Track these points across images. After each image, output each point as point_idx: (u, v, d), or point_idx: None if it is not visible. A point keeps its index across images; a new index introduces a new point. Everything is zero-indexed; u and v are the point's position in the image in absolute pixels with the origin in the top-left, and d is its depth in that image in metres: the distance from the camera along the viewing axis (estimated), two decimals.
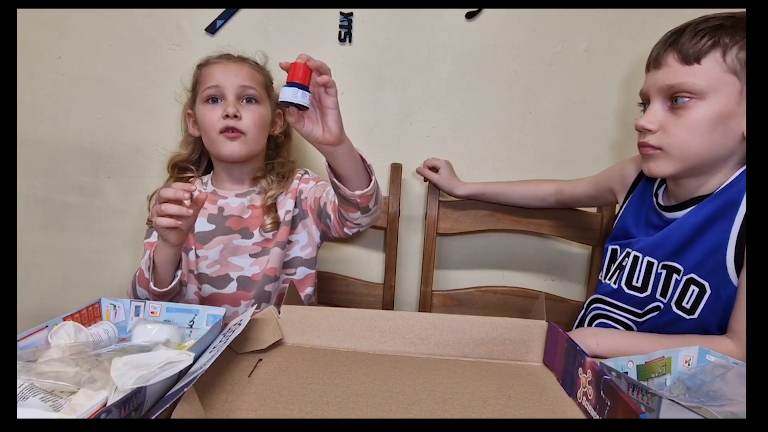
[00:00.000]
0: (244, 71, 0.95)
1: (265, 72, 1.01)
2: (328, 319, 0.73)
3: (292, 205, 0.98)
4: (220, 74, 0.94)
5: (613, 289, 0.86)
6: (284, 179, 0.99)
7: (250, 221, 0.96)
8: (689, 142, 0.74)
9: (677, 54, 0.74)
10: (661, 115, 0.76)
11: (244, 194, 0.98)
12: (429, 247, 1.15)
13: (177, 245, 0.79)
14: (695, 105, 0.72)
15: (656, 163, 0.77)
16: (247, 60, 0.99)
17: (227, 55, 0.99)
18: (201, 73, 0.97)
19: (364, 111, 1.17)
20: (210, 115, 0.94)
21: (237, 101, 0.94)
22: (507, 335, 0.70)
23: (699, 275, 0.75)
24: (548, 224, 1.14)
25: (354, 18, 1.12)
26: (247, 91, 0.94)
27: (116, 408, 0.43)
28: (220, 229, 0.95)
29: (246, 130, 0.93)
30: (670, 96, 0.75)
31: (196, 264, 0.95)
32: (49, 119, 1.18)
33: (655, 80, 0.77)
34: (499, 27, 1.12)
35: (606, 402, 0.52)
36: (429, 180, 1.15)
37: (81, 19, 1.13)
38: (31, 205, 1.23)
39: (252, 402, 0.56)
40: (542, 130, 1.18)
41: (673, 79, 0.73)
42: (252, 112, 0.94)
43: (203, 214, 0.96)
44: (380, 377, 0.63)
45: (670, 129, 0.75)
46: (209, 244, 0.95)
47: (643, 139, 0.78)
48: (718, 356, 0.60)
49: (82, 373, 0.54)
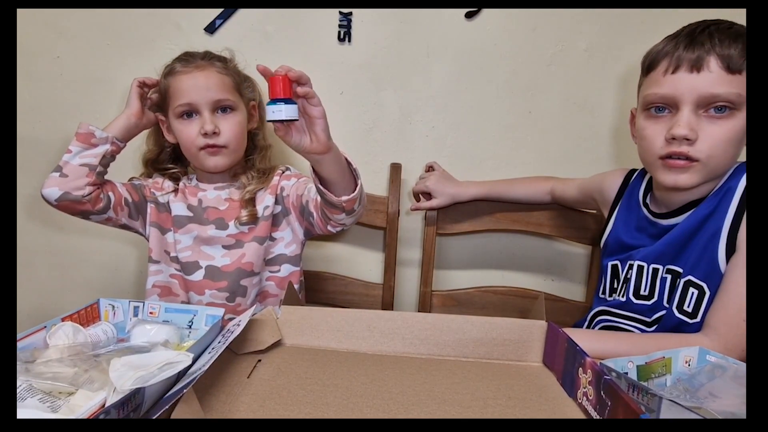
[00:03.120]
0: (213, 80, 0.90)
1: (233, 70, 0.95)
2: (328, 320, 0.73)
3: (271, 201, 0.97)
4: (190, 89, 0.89)
5: (622, 302, 0.85)
6: (264, 175, 0.98)
7: (226, 213, 0.96)
8: (728, 153, 0.72)
9: (721, 60, 0.70)
10: (697, 123, 0.71)
11: (222, 187, 0.98)
12: (428, 247, 1.15)
13: (134, 118, 0.92)
14: (735, 116, 0.70)
15: (689, 176, 0.73)
16: (213, 62, 0.93)
17: (192, 59, 0.92)
18: (169, 85, 0.92)
19: (363, 111, 1.17)
20: (187, 132, 0.91)
21: (213, 114, 0.91)
22: (507, 335, 0.70)
23: (696, 277, 0.75)
24: (548, 224, 1.14)
25: (353, 18, 1.12)
26: (221, 103, 0.91)
27: (115, 409, 0.43)
28: (197, 218, 0.96)
29: (227, 143, 0.91)
30: (707, 104, 0.71)
31: (174, 246, 0.96)
32: (47, 119, 1.18)
33: (693, 85, 0.71)
34: (498, 27, 1.12)
35: (606, 402, 0.51)
36: (429, 209, 1.13)
37: (80, 19, 1.13)
38: (30, 205, 1.23)
39: (251, 403, 0.56)
40: (542, 129, 1.17)
41: (719, 87, 0.69)
42: (230, 123, 0.92)
43: (184, 201, 0.97)
44: (380, 378, 0.63)
45: (709, 139, 0.71)
46: (183, 229, 0.96)
47: (678, 149, 0.72)
48: (718, 356, 0.60)
49: (80, 374, 0.53)
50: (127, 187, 0.95)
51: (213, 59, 0.94)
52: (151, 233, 0.97)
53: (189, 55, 0.93)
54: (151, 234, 0.97)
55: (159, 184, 0.99)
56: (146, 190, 0.97)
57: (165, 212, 0.97)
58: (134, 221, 0.97)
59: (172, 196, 0.98)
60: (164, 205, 0.97)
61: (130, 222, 0.96)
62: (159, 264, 0.98)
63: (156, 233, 0.97)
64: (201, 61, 0.92)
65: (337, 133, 1.16)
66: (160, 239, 0.97)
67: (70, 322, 0.66)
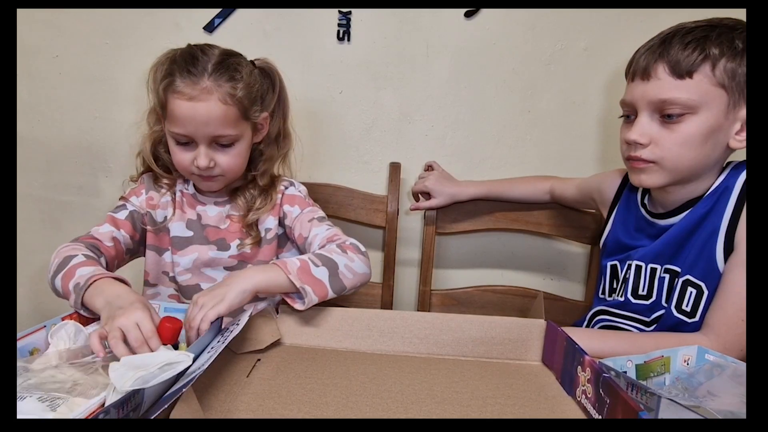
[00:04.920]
0: (215, 114, 0.78)
1: (242, 92, 0.81)
2: (327, 319, 0.73)
3: (274, 224, 0.91)
4: (188, 120, 0.79)
5: (620, 302, 0.86)
6: (266, 193, 0.91)
7: (227, 233, 0.91)
8: (683, 155, 0.74)
9: (668, 66, 0.72)
10: (650, 128, 0.75)
11: (223, 203, 0.92)
12: (428, 246, 1.15)
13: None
14: (688, 119, 0.72)
15: (648, 176, 0.77)
16: (221, 83, 0.79)
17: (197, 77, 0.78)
18: (167, 101, 0.80)
19: (362, 110, 1.17)
20: (181, 156, 0.83)
21: (209, 147, 0.82)
22: (506, 334, 0.70)
23: (694, 276, 0.76)
24: (547, 223, 1.14)
25: (353, 17, 1.12)
26: (220, 139, 0.82)
27: (114, 408, 0.43)
28: (197, 238, 0.90)
29: (223, 173, 0.84)
30: (660, 109, 0.74)
31: (172, 267, 0.91)
32: (46, 118, 1.18)
33: (644, 92, 0.75)
34: (498, 26, 1.12)
35: (605, 400, 0.51)
36: (429, 209, 1.13)
37: (78, 18, 1.13)
38: (29, 205, 1.23)
39: (250, 402, 0.56)
40: (541, 129, 1.18)
41: (666, 93, 0.72)
42: (228, 155, 0.83)
43: (183, 219, 0.90)
44: (379, 377, 0.63)
45: (662, 143, 0.74)
46: (184, 251, 0.90)
47: (635, 152, 0.76)
48: (716, 356, 0.60)
49: (79, 381, 0.53)
50: (124, 227, 0.87)
51: (223, 77, 0.79)
52: (147, 256, 0.92)
53: (194, 66, 0.79)
54: (148, 257, 0.92)
55: (154, 201, 0.90)
56: (143, 218, 0.90)
57: (163, 233, 0.91)
58: (135, 255, 0.92)
59: (170, 212, 0.90)
60: (161, 225, 0.90)
61: (132, 257, 0.91)
62: (156, 287, 0.93)
63: (153, 255, 0.92)
64: (207, 81, 0.78)
65: (336, 133, 1.18)
66: (157, 261, 0.92)
67: (72, 321, 0.66)
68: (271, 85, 0.92)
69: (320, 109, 1.16)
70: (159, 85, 0.81)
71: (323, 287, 0.73)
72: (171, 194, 0.91)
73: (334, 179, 1.16)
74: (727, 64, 0.70)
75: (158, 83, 0.81)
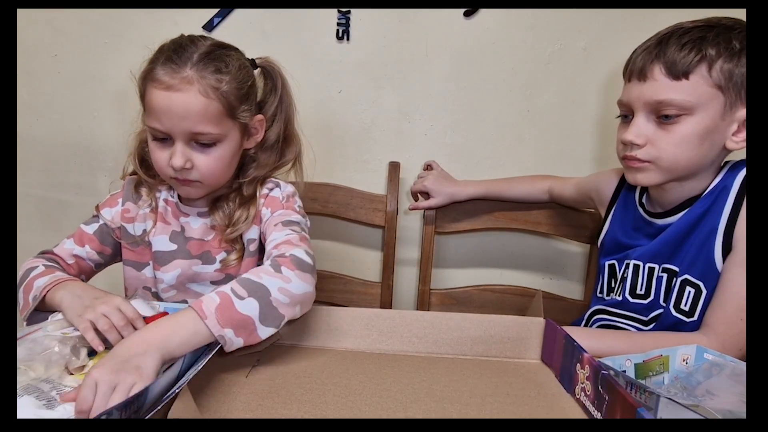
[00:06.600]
0: (194, 107, 0.72)
1: (229, 86, 0.74)
2: (326, 319, 0.73)
3: (257, 233, 0.83)
4: (163, 113, 0.72)
5: (618, 301, 0.86)
6: (246, 204, 0.82)
7: (211, 245, 0.84)
8: (679, 156, 0.74)
9: (664, 67, 0.72)
10: (647, 128, 0.75)
11: (205, 214, 0.84)
12: (427, 245, 1.15)
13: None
14: (684, 120, 0.72)
15: (645, 175, 0.77)
16: (205, 75, 0.72)
17: (178, 65, 0.72)
18: (145, 91, 0.75)
19: (362, 109, 1.17)
20: (158, 154, 0.76)
21: (187, 145, 0.75)
22: (505, 333, 0.70)
23: (693, 275, 0.76)
24: (546, 223, 1.14)
25: (352, 16, 1.11)
26: (199, 137, 0.74)
27: (117, 411, 0.43)
28: (181, 252, 0.83)
29: (201, 179, 0.76)
30: (656, 110, 0.74)
31: (154, 283, 0.85)
32: (45, 117, 1.18)
33: (640, 93, 0.75)
34: (497, 25, 1.12)
35: (604, 397, 0.52)
36: (428, 208, 1.13)
37: (77, 18, 1.12)
38: (28, 204, 1.22)
39: (249, 402, 0.56)
40: (540, 128, 1.18)
41: (662, 94, 0.72)
42: (207, 158, 0.75)
43: (166, 231, 0.83)
44: (378, 376, 0.63)
45: (659, 143, 0.74)
46: (167, 267, 0.83)
47: (631, 152, 0.77)
48: (715, 355, 0.61)
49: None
50: (90, 243, 0.82)
51: (207, 68, 0.73)
52: (125, 271, 0.86)
53: (177, 55, 0.73)
54: (126, 272, 0.86)
55: (130, 213, 0.84)
56: (116, 232, 0.84)
57: (142, 246, 0.84)
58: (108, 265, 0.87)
59: (149, 225, 0.83)
60: (140, 239, 0.84)
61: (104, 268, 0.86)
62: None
63: (131, 271, 0.85)
64: (189, 71, 0.72)
65: (335, 132, 1.18)
66: (136, 276, 0.85)
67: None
68: (273, 86, 0.86)
69: (319, 108, 1.16)
70: (138, 81, 0.77)
71: (251, 327, 0.59)
72: (153, 202, 0.84)
73: (334, 179, 1.16)
74: (724, 65, 0.70)
75: (138, 82, 0.77)
